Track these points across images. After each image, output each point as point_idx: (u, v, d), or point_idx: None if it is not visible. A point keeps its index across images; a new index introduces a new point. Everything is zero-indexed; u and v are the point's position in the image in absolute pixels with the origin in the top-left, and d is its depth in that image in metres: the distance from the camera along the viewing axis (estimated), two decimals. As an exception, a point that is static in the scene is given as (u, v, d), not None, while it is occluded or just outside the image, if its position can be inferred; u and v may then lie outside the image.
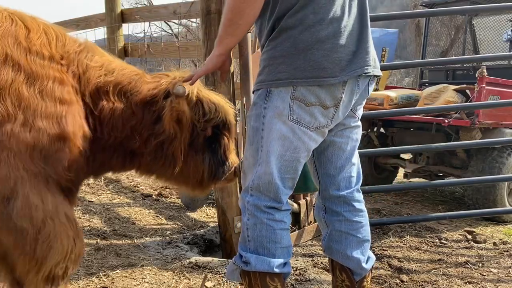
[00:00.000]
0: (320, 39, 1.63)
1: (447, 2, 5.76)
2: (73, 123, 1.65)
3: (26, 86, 1.59)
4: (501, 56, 5.91)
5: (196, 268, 2.57)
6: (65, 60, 1.72)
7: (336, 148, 1.84)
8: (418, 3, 11.17)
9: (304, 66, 1.63)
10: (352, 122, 1.84)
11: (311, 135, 1.70)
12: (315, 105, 1.66)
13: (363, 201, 1.90)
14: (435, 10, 5.45)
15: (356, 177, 1.90)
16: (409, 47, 17.48)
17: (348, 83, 1.69)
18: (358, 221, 1.84)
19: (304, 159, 1.76)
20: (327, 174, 1.87)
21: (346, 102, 1.72)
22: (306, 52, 1.63)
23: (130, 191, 4.13)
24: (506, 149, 4.22)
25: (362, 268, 1.82)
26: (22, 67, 1.59)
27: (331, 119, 1.71)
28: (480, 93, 4.04)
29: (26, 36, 1.64)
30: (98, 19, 5.49)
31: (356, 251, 1.82)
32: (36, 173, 1.58)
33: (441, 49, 13.99)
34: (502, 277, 2.69)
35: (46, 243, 1.59)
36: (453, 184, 4.60)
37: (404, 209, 4.38)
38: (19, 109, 1.56)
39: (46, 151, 1.59)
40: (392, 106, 4.67)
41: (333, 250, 1.87)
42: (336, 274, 1.87)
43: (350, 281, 1.83)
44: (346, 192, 1.85)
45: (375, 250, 3.06)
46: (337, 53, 1.65)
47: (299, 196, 3.22)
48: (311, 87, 1.65)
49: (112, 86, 1.79)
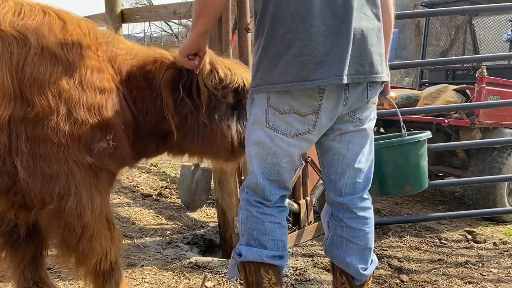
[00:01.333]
0: (288, 43, 1.58)
1: (447, 2, 5.75)
2: (114, 112, 1.67)
3: (66, 78, 1.58)
4: (501, 56, 5.91)
5: (196, 268, 2.57)
6: (100, 52, 1.72)
7: (336, 153, 1.77)
8: (418, 3, 11.17)
9: (272, 72, 1.61)
10: (352, 127, 1.74)
11: (291, 141, 1.68)
12: (290, 113, 1.63)
13: (370, 207, 1.83)
14: (435, 10, 5.45)
15: (363, 183, 1.80)
16: (409, 47, 17.48)
17: (328, 89, 1.60)
18: (360, 228, 1.79)
19: (288, 163, 1.73)
20: (328, 178, 1.84)
21: (330, 109, 1.64)
22: (274, 57, 1.61)
23: (130, 191, 4.13)
24: (506, 149, 4.22)
25: (362, 275, 1.80)
26: (59, 58, 1.58)
27: (313, 126, 1.66)
28: (480, 93, 4.04)
29: (61, 27, 1.64)
30: (98, 19, 5.49)
31: (356, 258, 1.79)
32: (86, 166, 1.60)
33: (441, 49, 13.98)
34: (502, 277, 2.69)
35: (88, 242, 1.67)
36: (453, 184, 4.60)
37: (404, 209, 4.38)
38: (60, 102, 1.56)
39: (91, 142, 1.61)
40: (392, 106, 4.66)
41: (333, 255, 1.86)
42: (337, 276, 1.87)
43: (350, 284, 1.82)
44: (348, 198, 1.79)
45: (375, 250, 3.06)
46: (302, 57, 1.57)
47: (299, 196, 3.22)
48: (283, 95, 1.62)
49: (137, 70, 1.79)
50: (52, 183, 1.57)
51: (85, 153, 1.59)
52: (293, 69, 1.57)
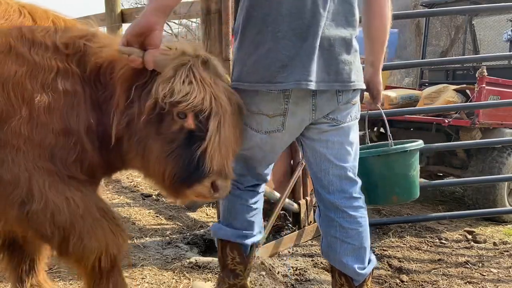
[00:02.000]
0: (257, 44, 1.62)
1: (447, 2, 5.75)
2: (78, 116, 1.55)
3: (29, 79, 1.50)
4: (501, 56, 5.90)
5: (196, 268, 2.57)
6: (71, 49, 1.60)
7: (317, 152, 1.78)
8: (418, 3, 11.16)
9: (242, 70, 1.67)
10: (328, 126, 1.73)
11: (263, 137, 1.74)
12: (259, 114, 1.68)
13: (363, 206, 1.82)
14: (435, 10, 5.45)
15: (349, 181, 1.79)
16: (409, 47, 17.46)
17: (294, 94, 1.62)
18: (353, 228, 1.78)
19: (262, 158, 1.81)
20: (315, 176, 1.84)
21: (299, 113, 1.66)
22: (244, 55, 1.66)
23: (130, 191, 4.13)
24: (506, 149, 4.22)
25: (359, 275, 1.79)
26: (25, 58, 1.52)
27: (282, 126, 1.69)
28: (480, 93, 4.04)
29: (32, 27, 1.58)
30: (98, 19, 5.49)
31: (352, 258, 1.79)
32: (50, 172, 1.50)
33: (441, 49, 13.96)
34: (502, 277, 2.69)
35: (78, 242, 1.54)
36: (453, 184, 4.60)
37: (404, 209, 4.38)
38: (23, 103, 1.48)
39: (52, 148, 1.51)
40: (392, 106, 4.66)
41: (330, 256, 1.85)
42: (336, 277, 1.86)
43: (349, 285, 1.81)
44: (337, 197, 1.79)
45: (375, 250, 3.06)
46: (268, 59, 1.59)
47: (299, 196, 3.22)
48: (253, 97, 1.66)
49: (106, 66, 1.59)
50: (12, 189, 1.47)
51: (47, 159, 1.50)
52: (259, 70, 1.62)
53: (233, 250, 1.93)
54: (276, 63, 1.59)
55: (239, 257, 1.93)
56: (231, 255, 1.92)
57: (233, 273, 1.94)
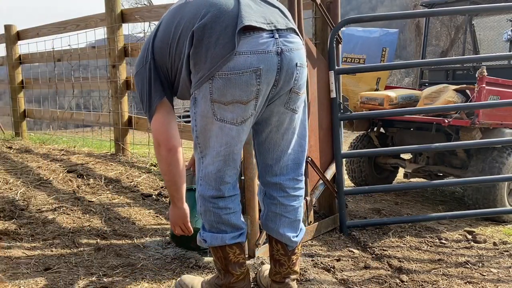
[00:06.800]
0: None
1: (447, 2, 5.75)
2: None
3: None
4: (501, 56, 5.90)
5: (196, 268, 2.57)
6: None
7: (273, 143, 1.98)
8: (418, 3, 11.16)
9: (205, 58, 1.70)
10: (288, 118, 1.91)
11: (239, 128, 1.80)
12: (233, 103, 1.73)
13: (302, 187, 2.11)
14: (435, 10, 5.46)
15: (295, 165, 2.05)
16: (409, 47, 17.46)
17: (263, 72, 1.70)
18: (292, 205, 2.07)
19: (240, 149, 1.90)
20: (265, 163, 2.05)
21: (264, 91, 1.76)
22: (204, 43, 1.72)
23: (130, 191, 4.13)
24: (506, 149, 4.22)
25: (293, 242, 2.09)
26: None
27: (255, 109, 1.79)
28: (480, 93, 4.04)
29: None
30: (98, 19, 5.49)
31: (287, 229, 2.08)
32: None
33: (441, 49, 13.97)
34: (502, 277, 2.69)
35: None
36: (453, 184, 4.60)
37: (404, 209, 4.38)
38: None
39: None
40: (392, 106, 4.67)
41: (268, 227, 2.12)
42: (272, 244, 2.14)
43: (284, 250, 2.10)
44: (282, 179, 2.03)
45: (375, 250, 3.06)
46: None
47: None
48: (222, 85, 1.69)
49: None
50: None
51: None
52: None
53: (232, 247, 2.00)
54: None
55: (239, 250, 2.03)
56: (232, 252, 2.00)
57: (237, 264, 2.04)
